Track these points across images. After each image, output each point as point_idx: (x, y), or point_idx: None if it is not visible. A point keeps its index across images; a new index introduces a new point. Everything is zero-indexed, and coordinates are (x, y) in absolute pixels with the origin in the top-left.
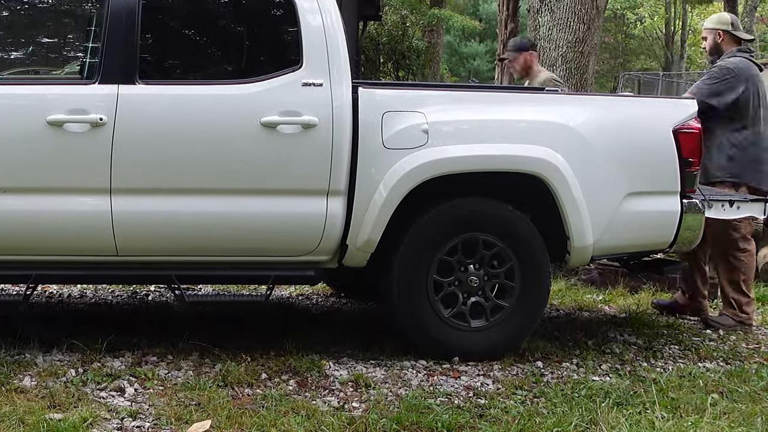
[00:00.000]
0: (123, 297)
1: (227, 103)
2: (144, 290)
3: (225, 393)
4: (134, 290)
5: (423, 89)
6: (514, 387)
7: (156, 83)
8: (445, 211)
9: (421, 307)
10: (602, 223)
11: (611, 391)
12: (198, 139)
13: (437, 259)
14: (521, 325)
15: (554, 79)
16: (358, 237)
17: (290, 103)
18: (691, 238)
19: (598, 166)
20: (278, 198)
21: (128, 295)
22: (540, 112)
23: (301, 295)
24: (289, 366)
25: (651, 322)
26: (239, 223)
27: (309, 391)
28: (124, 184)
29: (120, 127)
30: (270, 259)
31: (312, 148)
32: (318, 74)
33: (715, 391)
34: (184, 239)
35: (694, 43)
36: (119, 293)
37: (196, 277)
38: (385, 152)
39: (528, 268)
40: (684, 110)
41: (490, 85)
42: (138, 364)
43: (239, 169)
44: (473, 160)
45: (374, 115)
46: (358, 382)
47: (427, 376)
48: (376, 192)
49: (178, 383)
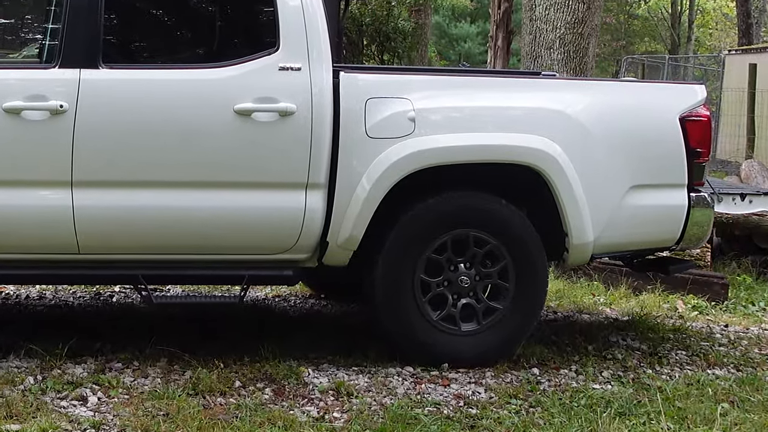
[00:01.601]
0: (85, 298)
1: (198, 89)
2: (108, 291)
3: (195, 402)
4: (97, 291)
5: (409, 74)
6: (508, 396)
7: (121, 67)
8: (433, 206)
9: (407, 310)
10: (603, 219)
11: (613, 400)
12: (166, 127)
13: (425, 257)
14: (516, 329)
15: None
16: (340, 233)
17: (266, 88)
18: (699, 235)
19: (599, 157)
20: (253, 191)
21: (91, 297)
22: (536, 98)
23: (278, 297)
24: (265, 373)
25: (656, 325)
26: (211, 218)
27: (286, 401)
28: (87, 176)
29: (82, 114)
30: (244, 257)
31: (289, 138)
32: (296, 58)
33: (725, 400)
34: (151, 236)
35: (703, 24)
36: (81, 294)
37: (165, 277)
38: (369, 142)
39: (523, 267)
40: (691, 96)
41: (482, 69)
42: (101, 371)
43: (211, 160)
44: (464, 151)
45: (357, 102)
46: (340, 390)
47: (414, 384)
48: (359, 185)
49: (144, 392)
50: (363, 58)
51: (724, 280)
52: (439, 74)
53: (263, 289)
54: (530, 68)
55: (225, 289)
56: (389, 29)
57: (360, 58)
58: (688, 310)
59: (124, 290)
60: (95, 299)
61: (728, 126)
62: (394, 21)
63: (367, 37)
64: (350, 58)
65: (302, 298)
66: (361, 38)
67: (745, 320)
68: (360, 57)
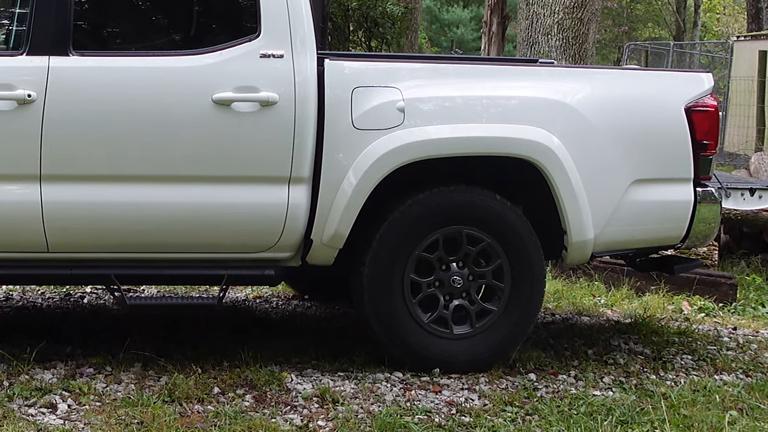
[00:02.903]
0: (55, 299)
1: (174, 78)
2: (79, 292)
3: (172, 410)
4: (68, 292)
5: (399, 61)
6: (504, 403)
7: (93, 55)
8: (423, 202)
9: (396, 312)
10: (604, 215)
11: (614, 407)
12: (141, 118)
13: (415, 256)
14: (511, 332)
15: None
16: (324, 231)
17: (246, 77)
18: (706, 232)
19: (600, 149)
20: (232, 186)
21: (61, 298)
22: (533, 87)
23: (259, 298)
24: (245, 379)
25: (660, 328)
26: (188, 214)
27: (268, 408)
28: (56, 170)
29: (51, 104)
30: (223, 256)
31: (271, 129)
32: (278, 44)
33: (733, 407)
34: (124, 233)
35: (710, 8)
36: (50, 295)
37: (139, 277)
38: (356, 133)
39: (519, 266)
40: (698, 85)
41: (475, 56)
42: (72, 377)
43: (188, 152)
44: (456, 143)
45: (343, 91)
46: (325, 397)
47: (404, 391)
48: (345, 179)
49: (117, 398)
50: (349, 45)
51: (733, 280)
52: (430, 62)
53: (243, 290)
54: (527, 55)
55: (203, 290)
56: (377, 14)
57: (346, 45)
58: (694, 312)
59: (96, 291)
60: (65, 300)
61: (737, 117)
62: (382, 5)
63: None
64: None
65: (285, 300)
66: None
67: (754, 322)
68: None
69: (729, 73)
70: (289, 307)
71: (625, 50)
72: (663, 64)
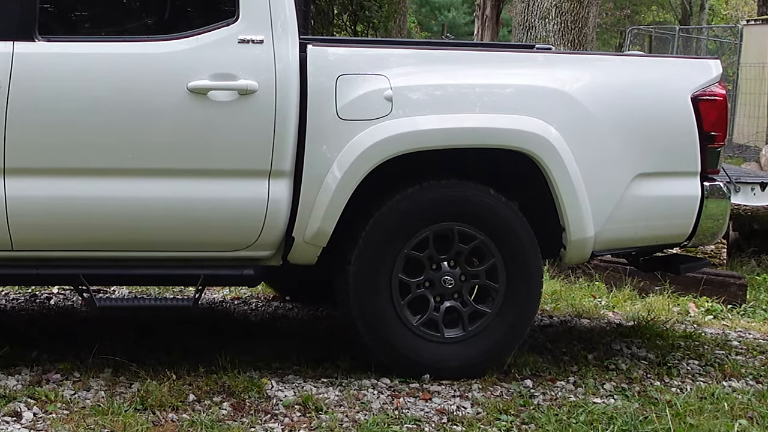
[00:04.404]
0: (20, 301)
1: (147, 65)
2: (45, 292)
3: (144, 418)
4: (33, 292)
5: (386, 47)
6: (498, 411)
7: (60, 40)
8: (413, 197)
9: (383, 314)
10: (605, 211)
11: (616, 416)
12: (111, 108)
13: (403, 254)
14: (506, 336)
15: None
16: (307, 228)
17: (224, 64)
18: (714, 229)
19: (601, 141)
20: (209, 180)
21: (26, 299)
22: (529, 75)
23: (238, 299)
24: (223, 385)
25: (665, 331)
26: (161, 210)
27: (247, 416)
28: (21, 162)
29: (15, 93)
30: (199, 254)
31: (250, 119)
32: (258, 29)
33: (743, 416)
34: (94, 230)
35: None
36: (15, 296)
37: (109, 277)
38: (340, 124)
39: (515, 265)
40: (705, 73)
41: (468, 42)
42: (38, 383)
43: (161, 144)
44: (447, 134)
45: (327, 79)
46: (307, 405)
47: (392, 398)
48: (329, 173)
49: (86, 406)
50: (333, 30)
51: (742, 281)
52: (420, 48)
53: (221, 291)
54: (523, 40)
55: (177, 291)
56: None
57: (330, 30)
58: (701, 314)
59: (64, 292)
60: (31, 302)
61: (746, 106)
62: None
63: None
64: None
65: (265, 301)
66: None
67: (765, 326)
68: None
69: (738, 60)
70: (269, 309)
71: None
72: (668, 50)
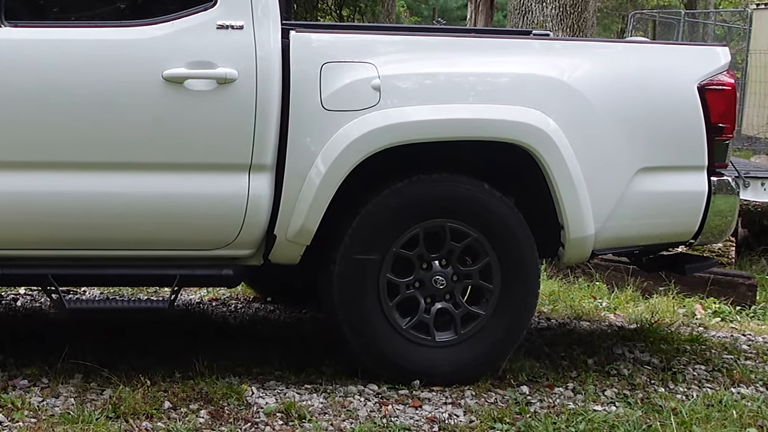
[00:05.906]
0: None
1: (119, 52)
2: (11, 293)
3: (117, 427)
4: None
5: (374, 33)
6: (492, 419)
7: (27, 25)
8: (402, 192)
9: (370, 316)
10: (606, 208)
11: (618, 424)
12: (82, 97)
13: (392, 253)
14: (501, 339)
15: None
16: (290, 225)
17: (201, 51)
18: (721, 227)
19: (601, 133)
20: (185, 175)
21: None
22: (526, 63)
23: (216, 301)
24: (200, 392)
25: (669, 335)
26: (135, 206)
27: (225, 425)
28: None
29: None
30: (175, 253)
31: (229, 110)
32: (237, 14)
33: (752, 424)
34: (63, 228)
35: None
36: None
37: (79, 277)
38: (325, 115)
39: (510, 264)
40: (712, 60)
41: (460, 27)
42: (4, 390)
43: (135, 136)
44: (438, 126)
45: (310, 68)
46: (290, 412)
47: (379, 405)
48: (313, 167)
49: (55, 414)
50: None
51: (752, 281)
52: (410, 34)
53: (198, 292)
54: (519, 26)
55: (152, 292)
56: None
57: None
58: (708, 317)
59: (31, 292)
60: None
61: (756, 95)
62: None
63: None
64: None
65: (245, 302)
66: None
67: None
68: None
69: (747, 46)
70: (249, 311)
71: (630, 20)
72: (673, 36)
